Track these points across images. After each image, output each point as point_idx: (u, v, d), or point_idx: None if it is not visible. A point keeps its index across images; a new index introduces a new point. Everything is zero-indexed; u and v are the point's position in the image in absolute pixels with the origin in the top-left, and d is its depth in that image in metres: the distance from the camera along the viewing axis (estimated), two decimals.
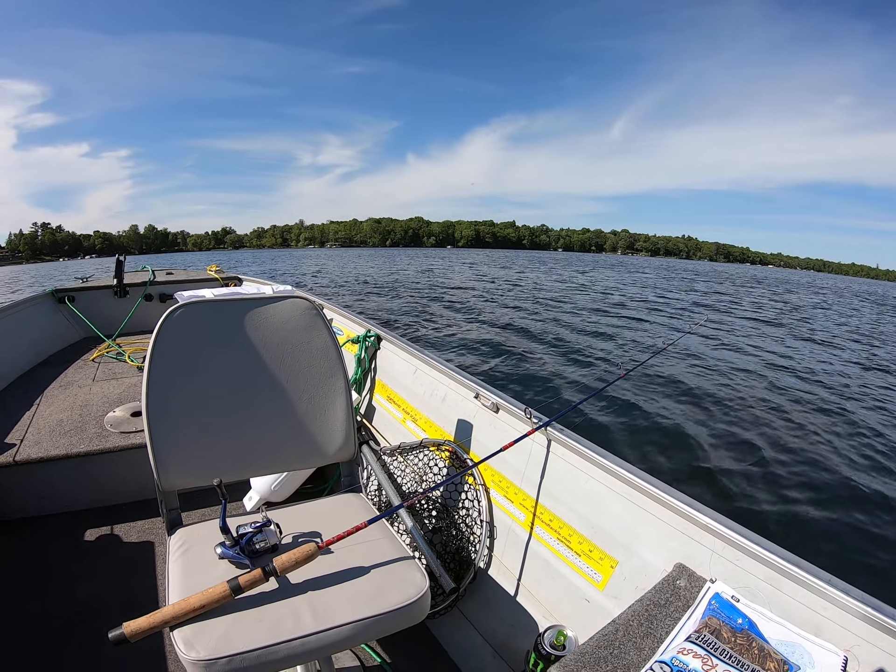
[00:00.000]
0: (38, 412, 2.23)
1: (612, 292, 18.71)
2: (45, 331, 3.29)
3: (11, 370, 2.71)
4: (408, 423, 1.86)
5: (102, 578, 1.62)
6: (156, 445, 1.08)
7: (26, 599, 1.53)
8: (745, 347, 8.88)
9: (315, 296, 2.96)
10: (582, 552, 1.19)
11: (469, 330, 8.94)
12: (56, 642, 1.38)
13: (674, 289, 22.93)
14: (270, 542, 1.01)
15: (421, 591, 0.94)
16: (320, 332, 1.25)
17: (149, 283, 3.82)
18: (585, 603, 1.15)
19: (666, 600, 0.87)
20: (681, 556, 1.00)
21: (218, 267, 4.36)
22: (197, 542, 1.05)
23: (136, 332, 3.60)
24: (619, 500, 1.14)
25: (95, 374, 2.78)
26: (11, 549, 1.74)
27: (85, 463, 1.94)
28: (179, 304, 1.13)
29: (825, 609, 0.81)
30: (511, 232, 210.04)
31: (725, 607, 0.85)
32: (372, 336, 2.19)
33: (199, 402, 1.13)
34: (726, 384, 6.06)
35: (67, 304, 3.51)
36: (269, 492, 1.91)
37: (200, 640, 0.80)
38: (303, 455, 1.26)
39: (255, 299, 1.21)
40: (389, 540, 1.09)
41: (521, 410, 1.39)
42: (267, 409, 1.19)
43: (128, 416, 2.19)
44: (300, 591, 0.92)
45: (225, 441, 1.15)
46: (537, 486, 1.34)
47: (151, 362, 1.08)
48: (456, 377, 1.68)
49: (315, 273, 26.15)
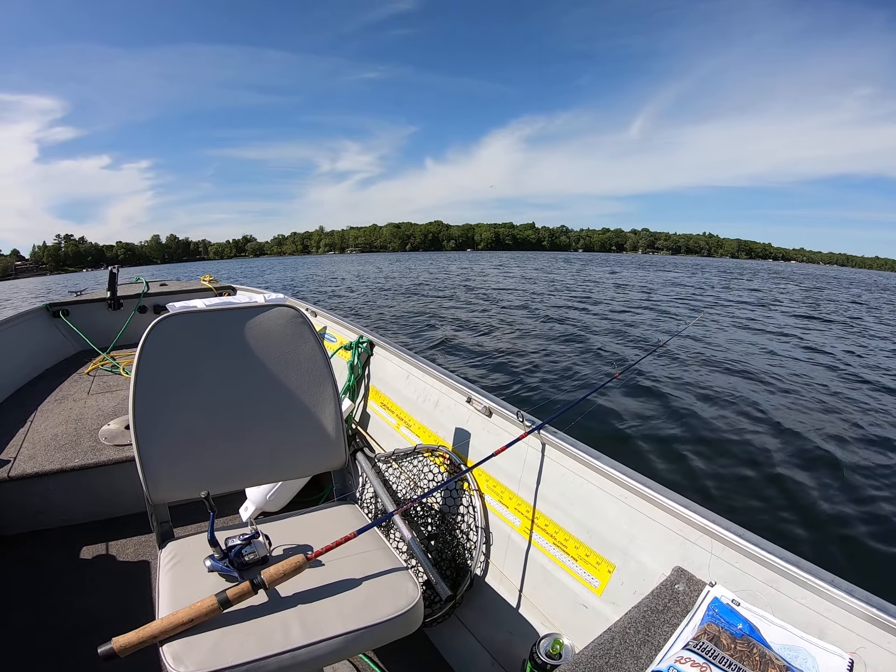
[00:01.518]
0: (34, 427, 2.22)
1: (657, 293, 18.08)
2: (40, 345, 3.29)
3: (7, 385, 2.70)
4: (402, 429, 1.85)
5: (99, 592, 1.61)
6: (144, 458, 1.06)
7: (22, 613, 1.51)
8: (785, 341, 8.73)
9: (308, 303, 2.95)
10: (579, 557, 1.17)
11: (501, 336, 8.81)
12: (52, 657, 1.37)
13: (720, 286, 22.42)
14: (260, 555, 1.00)
15: (412, 602, 0.92)
16: (307, 339, 1.24)
17: (142, 295, 3.82)
18: (583, 609, 1.13)
19: (664, 606, 0.85)
20: (679, 559, 0.98)
21: (212, 277, 4.36)
22: (187, 556, 1.04)
23: (131, 345, 3.59)
24: (615, 503, 1.12)
25: (90, 388, 2.77)
26: (7, 564, 1.73)
27: (80, 476, 1.93)
28: (164, 315, 1.12)
29: (829, 611, 0.79)
30: (531, 234, 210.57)
31: (725, 612, 0.83)
32: (364, 342, 2.18)
33: (188, 413, 1.11)
34: (768, 387, 5.95)
35: (62, 318, 3.51)
36: (265, 501, 1.89)
37: (189, 655, 0.79)
38: (293, 465, 1.24)
39: (241, 309, 1.20)
40: (381, 549, 1.07)
41: (513, 414, 1.37)
42: (256, 418, 1.18)
43: (122, 428, 2.17)
44: (290, 603, 0.91)
45: (214, 452, 1.14)
46: (532, 491, 1.32)
47: (138, 374, 1.07)
48: (448, 381, 1.66)
49: (341, 278, 26.31)
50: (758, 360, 7.55)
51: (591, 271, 33.74)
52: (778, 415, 4.94)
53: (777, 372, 6.82)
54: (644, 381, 5.83)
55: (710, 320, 11.38)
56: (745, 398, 5.38)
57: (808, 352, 8.40)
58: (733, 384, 5.99)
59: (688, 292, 19.18)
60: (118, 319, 3.65)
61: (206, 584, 0.95)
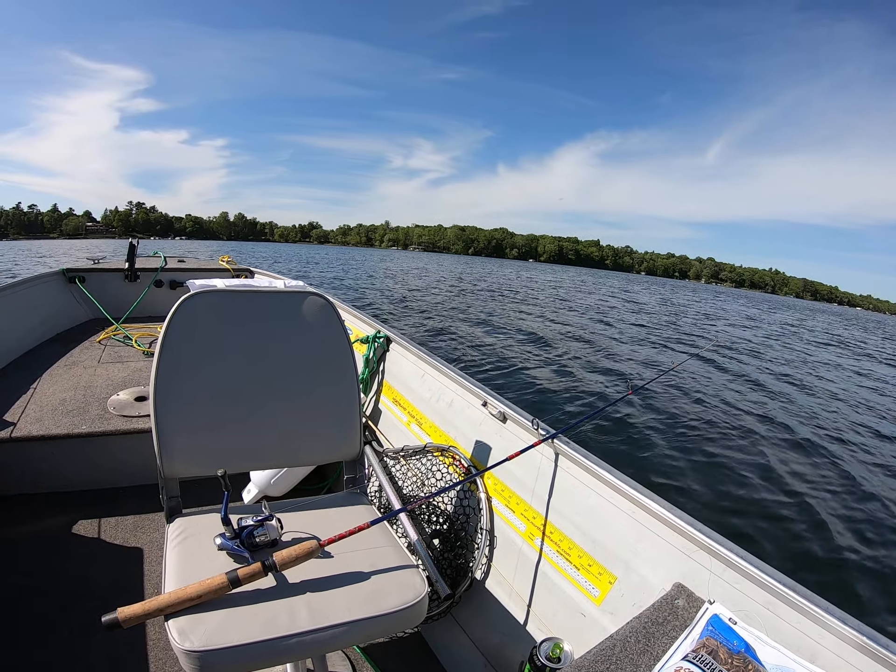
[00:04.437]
0: (42, 390, 2.23)
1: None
2: (54, 309, 3.30)
3: (18, 346, 2.71)
4: (412, 426, 1.86)
5: (94, 560, 1.62)
6: (161, 431, 1.08)
7: (14, 576, 1.52)
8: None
9: (327, 293, 2.96)
10: (581, 566, 1.19)
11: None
12: (45, 621, 1.38)
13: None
14: (271, 537, 1.01)
15: (419, 596, 0.94)
16: (335, 329, 1.26)
17: (160, 270, 3.83)
18: (581, 617, 1.15)
19: (664, 619, 0.87)
20: (680, 575, 1.00)
21: (230, 258, 4.38)
22: (196, 532, 1.05)
23: (144, 317, 3.61)
24: (622, 516, 1.13)
25: (101, 357, 2.78)
26: (5, 524, 1.74)
27: (86, 444, 1.94)
28: (195, 291, 1.13)
29: (822, 637, 0.81)
30: (594, 251, 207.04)
31: (723, 629, 0.85)
32: (381, 337, 2.19)
33: (208, 390, 1.13)
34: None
35: (77, 285, 3.52)
36: (268, 486, 1.92)
37: (195, 631, 0.79)
38: (308, 451, 1.26)
39: (271, 292, 1.22)
40: (390, 542, 1.09)
41: (528, 421, 1.39)
42: (276, 402, 1.19)
43: (132, 400, 2.19)
44: (298, 587, 0.92)
45: (231, 431, 1.15)
46: (540, 498, 1.33)
47: (163, 347, 1.08)
48: (464, 384, 1.67)
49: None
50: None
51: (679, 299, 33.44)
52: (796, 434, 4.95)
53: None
54: (666, 399, 5.83)
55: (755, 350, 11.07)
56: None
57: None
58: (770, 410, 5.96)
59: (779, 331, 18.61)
60: (133, 291, 3.66)
61: (215, 562, 0.96)
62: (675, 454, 4.23)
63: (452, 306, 13.55)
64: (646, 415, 5.18)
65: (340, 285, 17.90)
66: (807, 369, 10.38)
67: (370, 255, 68.96)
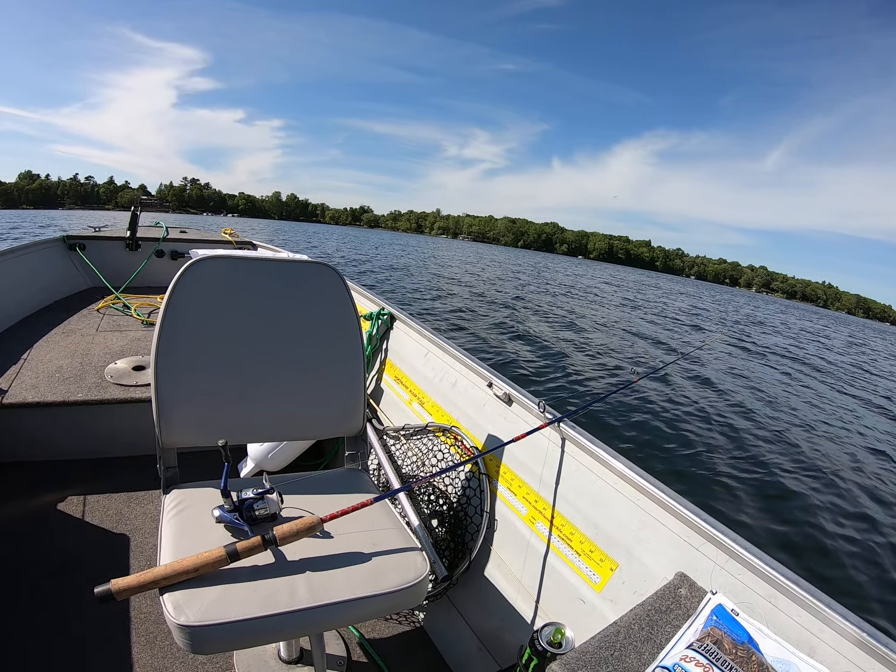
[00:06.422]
0: (38, 356, 2.20)
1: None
2: (53, 276, 3.26)
3: (15, 312, 2.68)
4: (414, 405, 1.84)
5: (86, 530, 1.61)
6: (161, 400, 1.05)
7: (5, 544, 1.50)
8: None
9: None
10: (582, 552, 1.18)
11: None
12: (36, 590, 1.37)
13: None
14: (270, 511, 0.99)
15: (420, 576, 0.93)
16: (344, 303, 1.22)
17: (162, 240, 3.79)
18: (580, 603, 1.14)
19: (667, 607, 0.86)
20: (682, 565, 0.99)
21: (233, 230, 4.32)
22: (193, 504, 1.03)
23: (144, 287, 3.57)
24: (626, 503, 1.12)
25: (99, 325, 2.75)
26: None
27: (81, 412, 1.92)
28: (200, 257, 1.09)
29: (821, 631, 0.81)
30: (645, 251, 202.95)
31: (727, 619, 0.84)
32: (385, 314, 2.16)
33: (211, 359, 1.10)
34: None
35: (78, 252, 3.48)
36: (265, 459, 1.90)
37: (191, 605, 0.78)
38: (310, 424, 1.24)
39: (278, 261, 1.18)
40: (391, 521, 1.08)
41: (534, 404, 1.37)
42: (279, 374, 1.17)
43: (129, 369, 2.17)
44: (297, 564, 0.90)
45: (232, 402, 1.13)
46: (544, 482, 1.32)
47: (166, 312, 1.04)
48: (469, 364, 1.65)
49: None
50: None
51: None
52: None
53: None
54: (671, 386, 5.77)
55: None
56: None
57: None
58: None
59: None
60: (134, 261, 3.62)
61: (213, 535, 0.94)
62: (693, 442, 4.22)
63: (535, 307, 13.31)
64: (658, 400, 5.17)
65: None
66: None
67: (423, 243, 67.74)
